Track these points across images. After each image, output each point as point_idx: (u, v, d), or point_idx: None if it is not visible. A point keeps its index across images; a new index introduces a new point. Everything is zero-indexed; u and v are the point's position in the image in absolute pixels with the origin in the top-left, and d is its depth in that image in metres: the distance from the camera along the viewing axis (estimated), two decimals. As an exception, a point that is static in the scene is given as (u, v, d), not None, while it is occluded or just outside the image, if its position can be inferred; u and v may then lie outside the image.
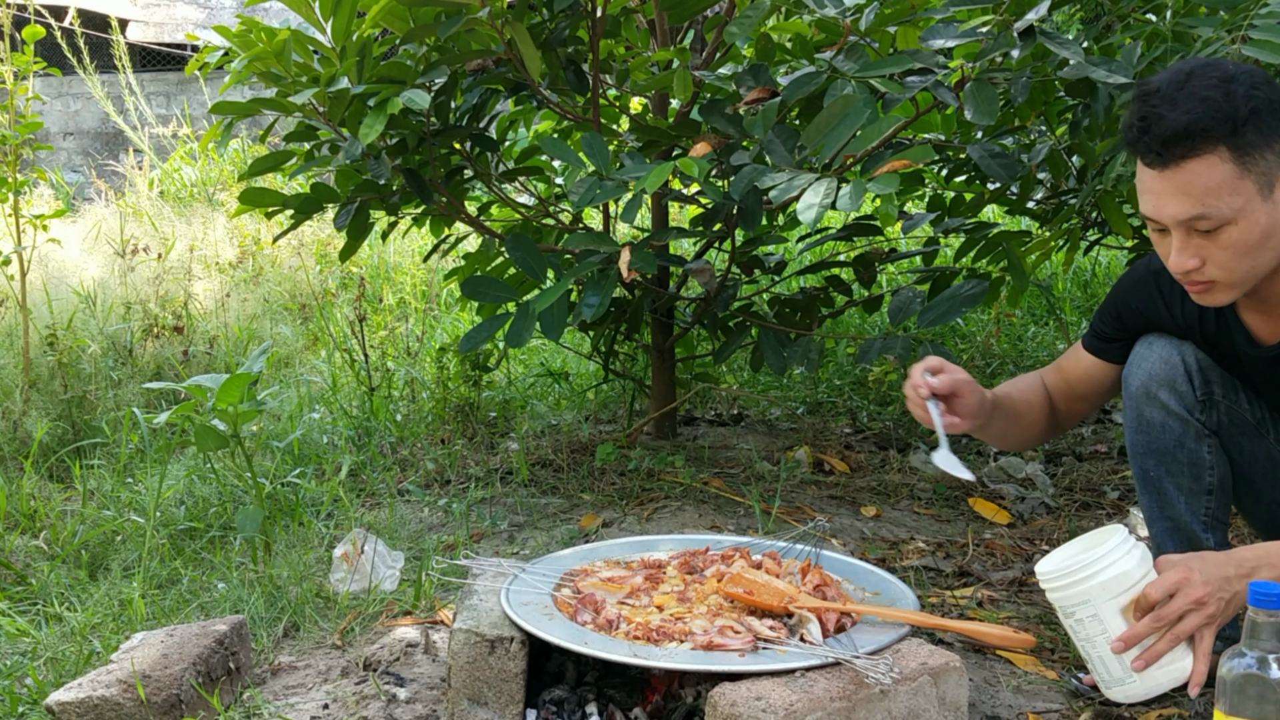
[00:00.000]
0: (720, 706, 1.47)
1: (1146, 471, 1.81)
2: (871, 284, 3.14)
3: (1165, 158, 1.51)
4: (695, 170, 2.20)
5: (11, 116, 3.48)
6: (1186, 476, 1.78)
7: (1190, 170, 1.50)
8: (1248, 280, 1.57)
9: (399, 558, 2.38)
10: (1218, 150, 1.49)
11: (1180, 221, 1.53)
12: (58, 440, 3.38)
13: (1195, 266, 1.56)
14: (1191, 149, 1.49)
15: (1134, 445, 1.83)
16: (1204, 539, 1.79)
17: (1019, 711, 1.78)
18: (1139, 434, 1.81)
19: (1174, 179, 1.52)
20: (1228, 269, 1.55)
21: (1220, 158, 1.49)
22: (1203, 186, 1.50)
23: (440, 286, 5.26)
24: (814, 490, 2.86)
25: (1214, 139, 1.48)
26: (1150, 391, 1.77)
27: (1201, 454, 1.78)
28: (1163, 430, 1.78)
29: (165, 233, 6.01)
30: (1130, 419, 1.82)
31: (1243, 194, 1.50)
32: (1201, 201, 1.51)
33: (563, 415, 3.57)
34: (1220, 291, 1.59)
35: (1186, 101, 1.49)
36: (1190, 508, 1.79)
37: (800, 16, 2.36)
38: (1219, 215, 1.51)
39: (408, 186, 2.72)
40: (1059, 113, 2.79)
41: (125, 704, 1.70)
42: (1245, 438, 1.78)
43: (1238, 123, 1.47)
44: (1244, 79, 1.50)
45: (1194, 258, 1.55)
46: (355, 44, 2.45)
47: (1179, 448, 1.78)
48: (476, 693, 1.69)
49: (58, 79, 9.52)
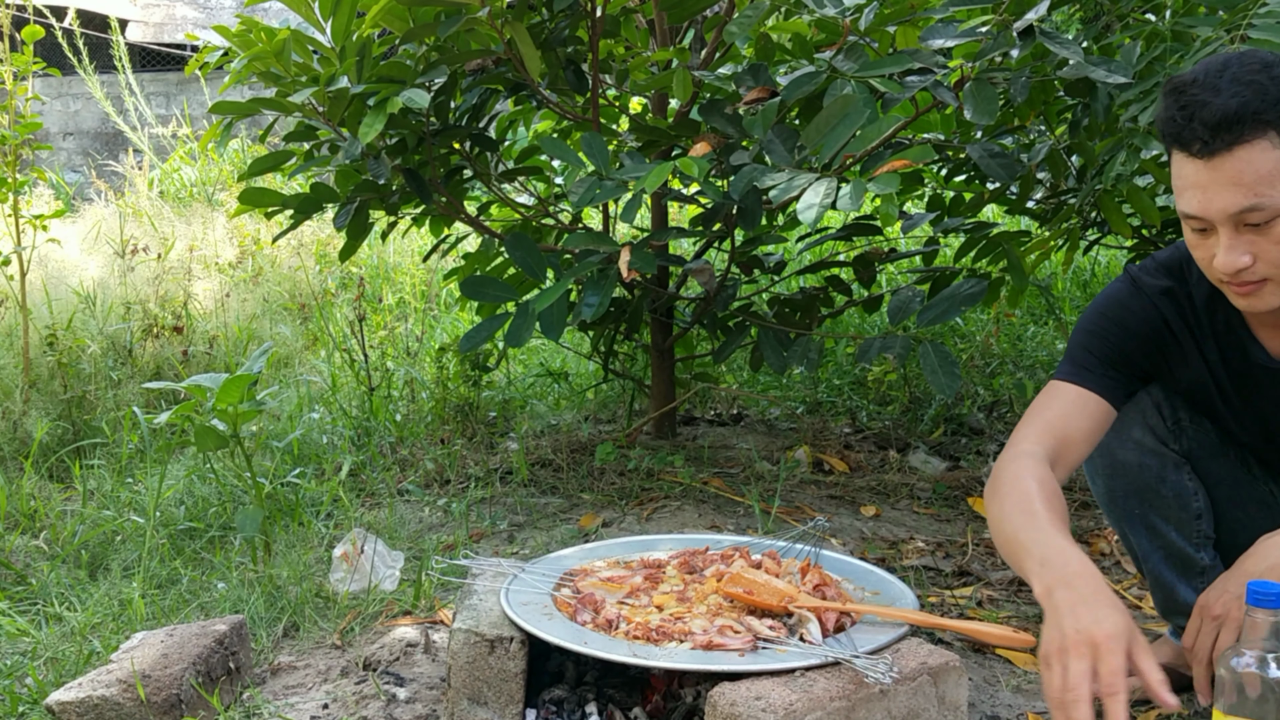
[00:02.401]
0: (720, 706, 1.47)
1: (1130, 511, 1.77)
2: (871, 284, 3.14)
3: (1213, 145, 1.41)
4: (695, 170, 2.20)
5: (11, 117, 3.48)
6: (1174, 508, 1.75)
7: (1240, 158, 1.41)
8: None
9: (399, 557, 2.38)
10: (1268, 135, 1.39)
11: (1231, 215, 1.43)
12: (58, 440, 3.38)
13: (1248, 264, 1.45)
14: (1241, 134, 1.40)
15: (1111, 491, 1.77)
16: (1198, 558, 1.77)
17: (1019, 711, 1.78)
18: (1115, 479, 1.76)
19: (1223, 169, 1.42)
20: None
21: (1271, 143, 1.40)
22: (1254, 175, 1.40)
23: (440, 286, 5.26)
24: (813, 490, 2.86)
25: (1264, 123, 1.39)
26: (1123, 434, 1.72)
27: (1184, 483, 1.74)
28: (1140, 470, 1.74)
29: (165, 233, 6.01)
30: (1102, 467, 1.76)
31: None
32: (1254, 191, 1.41)
33: (562, 415, 3.57)
34: (1271, 292, 1.49)
35: (1231, 87, 1.41)
36: (1182, 534, 1.76)
37: (800, 16, 2.36)
38: (1273, 205, 1.41)
39: (407, 186, 2.72)
40: (1058, 112, 2.79)
41: (125, 704, 1.70)
42: (1211, 459, 1.75)
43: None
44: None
45: (1245, 254, 1.45)
46: (355, 44, 2.46)
47: (1161, 483, 1.74)
48: (476, 692, 1.69)
49: (58, 79, 9.52)
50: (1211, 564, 1.78)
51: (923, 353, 2.40)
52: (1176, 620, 1.84)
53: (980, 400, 3.52)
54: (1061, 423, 1.65)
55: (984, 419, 3.39)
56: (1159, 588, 1.82)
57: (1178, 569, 1.79)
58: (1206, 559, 1.78)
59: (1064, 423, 1.65)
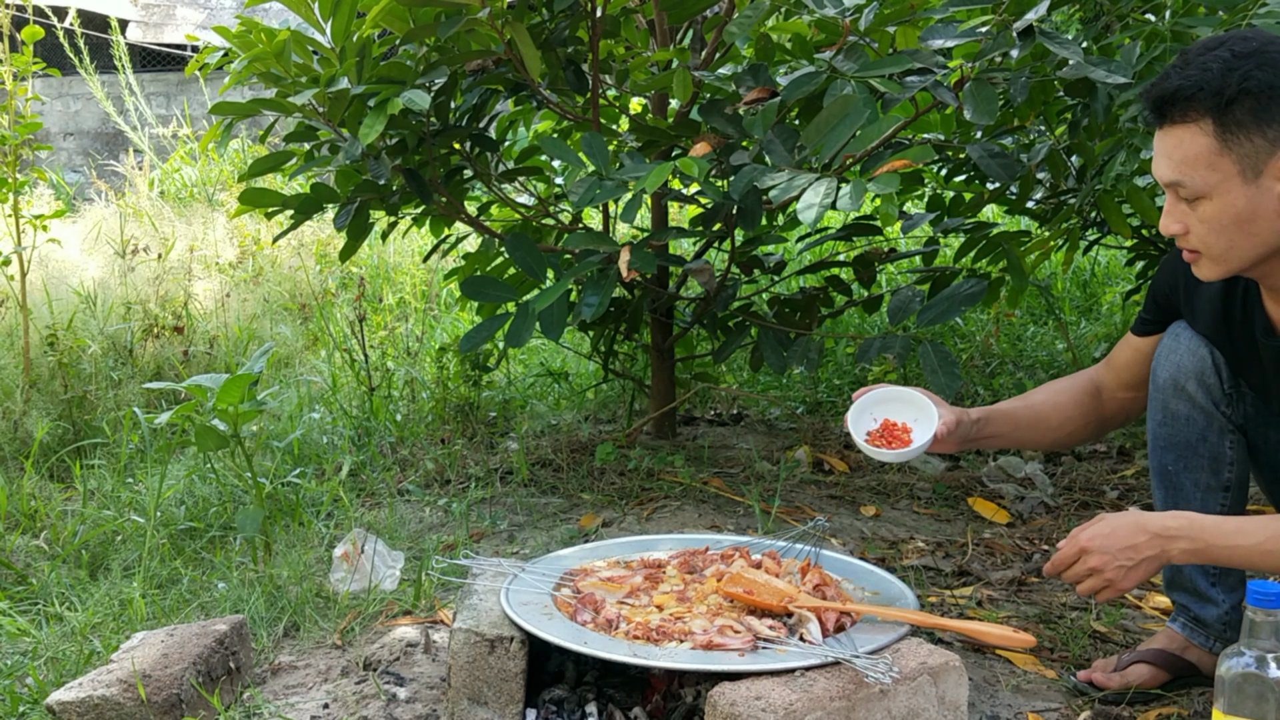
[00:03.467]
0: (720, 706, 1.47)
1: (1165, 466, 1.80)
2: (871, 284, 3.14)
3: (1160, 118, 1.53)
4: (695, 170, 2.20)
5: (11, 117, 3.48)
6: (1206, 472, 1.77)
7: (1175, 135, 1.52)
8: (1229, 259, 1.56)
9: (399, 557, 2.38)
10: (1202, 121, 1.49)
11: (1165, 184, 1.55)
12: (58, 440, 3.38)
13: (1178, 232, 1.57)
14: (1180, 114, 1.50)
15: (1156, 438, 1.81)
16: None
17: (1018, 711, 1.78)
18: (1163, 426, 1.79)
19: (1164, 140, 1.54)
20: (1206, 243, 1.55)
21: (1203, 129, 1.49)
22: (1182, 154, 1.51)
23: (440, 286, 5.26)
24: (813, 490, 2.86)
25: (1200, 109, 1.48)
26: (1178, 384, 1.76)
27: (1223, 449, 1.76)
28: (1187, 423, 1.77)
29: (165, 233, 6.01)
30: (1155, 412, 1.80)
31: (1220, 171, 1.49)
32: (1179, 169, 1.52)
33: (562, 415, 3.57)
34: (1205, 265, 1.59)
35: (1194, 67, 1.49)
36: (1205, 504, 1.77)
37: (800, 16, 2.36)
38: (1194, 187, 1.51)
39: (407, 186, 2.72)
40: (1058, 112, 2.79)
41: (126, 703, 1.70)
42: (1272, 428, 1.76)
43: (1226, 98, 1.46)
44: (1261, 59, 1.47)
45: (1178, 223, 1.56)
46: (355, 44, 2.46)
47: (1201, 441, 1.76)
48: (476, 692, 1.69)
49: (58, 79, 9.52)
50: None
51: (923, 353, 2.40)
52: (1178, 596, 1.85)
53: (980, 400, 3.52)
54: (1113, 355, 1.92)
55: (984, 419, 3.38)
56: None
57: None
58: None
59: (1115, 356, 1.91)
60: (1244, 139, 1.47)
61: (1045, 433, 1.90)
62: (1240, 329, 1.71)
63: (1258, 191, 1.49)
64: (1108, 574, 1.58)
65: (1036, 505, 2.77)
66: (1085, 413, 1.91)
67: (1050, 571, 1.66)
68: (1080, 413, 1.90)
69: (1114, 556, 1.57)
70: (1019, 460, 3.01)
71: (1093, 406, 1.91)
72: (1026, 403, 1.91)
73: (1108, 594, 1.60)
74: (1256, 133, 1.47)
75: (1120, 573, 1.57)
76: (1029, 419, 1.88)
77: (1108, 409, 1.92)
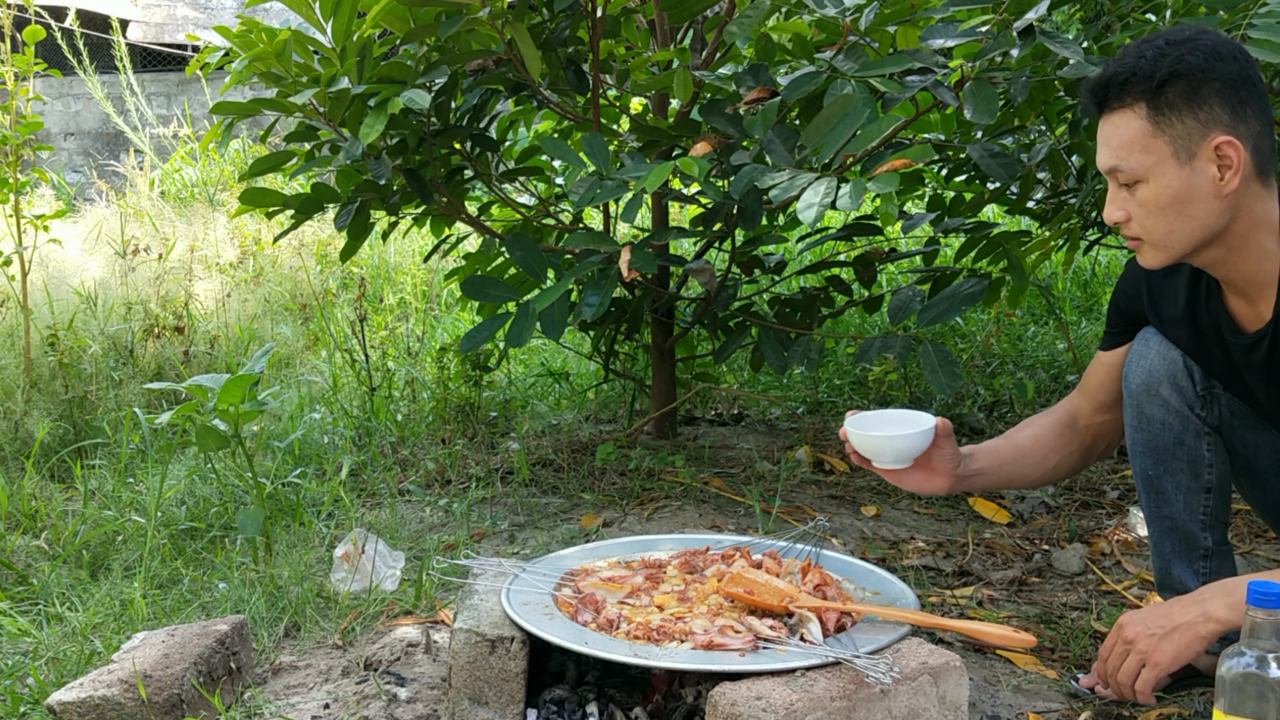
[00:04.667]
0: (720, 706, 1.47)
1: (1146, 470, 1.81)
2: (872, 284, 3.14)
3: (1098, 106, 1.57)
4: (695, 170, 2.20)
5: (12, 117, 3.49)
6: (1185, 474, 1.78)
7: (1112, 122, 1.55)
8: (1170, 244, 1.57)
9: (400, 557, 2.38)
10: (1135, 106, 1.52)
11: (1105, 171, 1.58)
12: (59, 440, 3.39)
13: (1121, 219, 1.59)
14: (1112, 100, 1.54)
15: (1134, 444, 1.82)
16: (1201, 537, 1.78)
17: (1019, 711, 1.78)
18: (1139, 432, 1.80)
19: (1103, 128, 1.57)
20: (1145, 228, 1.57)
21: (1137, 113, 1.52)
22: (1119, 139, 1.54)
23: (441, 286, 5.26)
24: (814, 490, 2.86)
25: (1133, 94, 1.52)
26: (1152, 388, 1.76)
27: (1200, 451, 1.77)
28: (1163, 428, 1.77)
29: (166, 233, 6.01)
30: (1131, 417, 1.81)
31: (1154, 153, 1.52)
32: (1116, 154, 1.55)
33: (563, 415, 3.57)
34: (1147, 252, 1.60)
35: (1128, 56, 1.54)
36: (1188, 506, 1.78)
37: (800, 16, 2.36)
38: (1131, 170, 1.54)
39: (408, 186, 2.72)
40: (1059, 112, 2.79)
41: (126, 704, 1.70)
42: (1249, 430, 1.76)
43: (1156, 81, 1.50)
44: (1193, 45, 1.51)
45: (1119, 210, 1.59)
46: (355, 44, 2.46)
47: (1178, 445, 1.77)
48: (477, 692, 1.69)
49: (58, 79, 9.53)
50: (1215, 547, 1.79)
51: (923, 352, 2.40)
52: (1168, 595, 1.85)
53: (981, 400, 3.52)
54: (1083, 383, 1.91)
55: (984, 419, 3.39)
56: (1158, 558, 1.84)
57: (1179, 545, 1.80)
58: (1210, 541, 1.79)
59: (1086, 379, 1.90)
60: (1175, 120, 1.50)
61: (1031, 468, 1.89)
62: (1210, 332, 1.72)
63: (1192, 173, 1.52)
64: (1140, 645, 1.55)
65: (1037, 505, 2.77)
66: (1066, 443, 1.90)
67: (1099, 669, 1.63)
68: (1062, 444, 1.90)
69: (1146, 626, 1.56)
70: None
71: (1072, 436, 1.90)
72: (1010, 440, 1.90)
73: (1147, 676, 1.55)
74: (1189, 114, 1.50)
75: (1152, 642, 1.54)
76: (1013, 455, 1.88)
77: (1088, 436, 1.91)
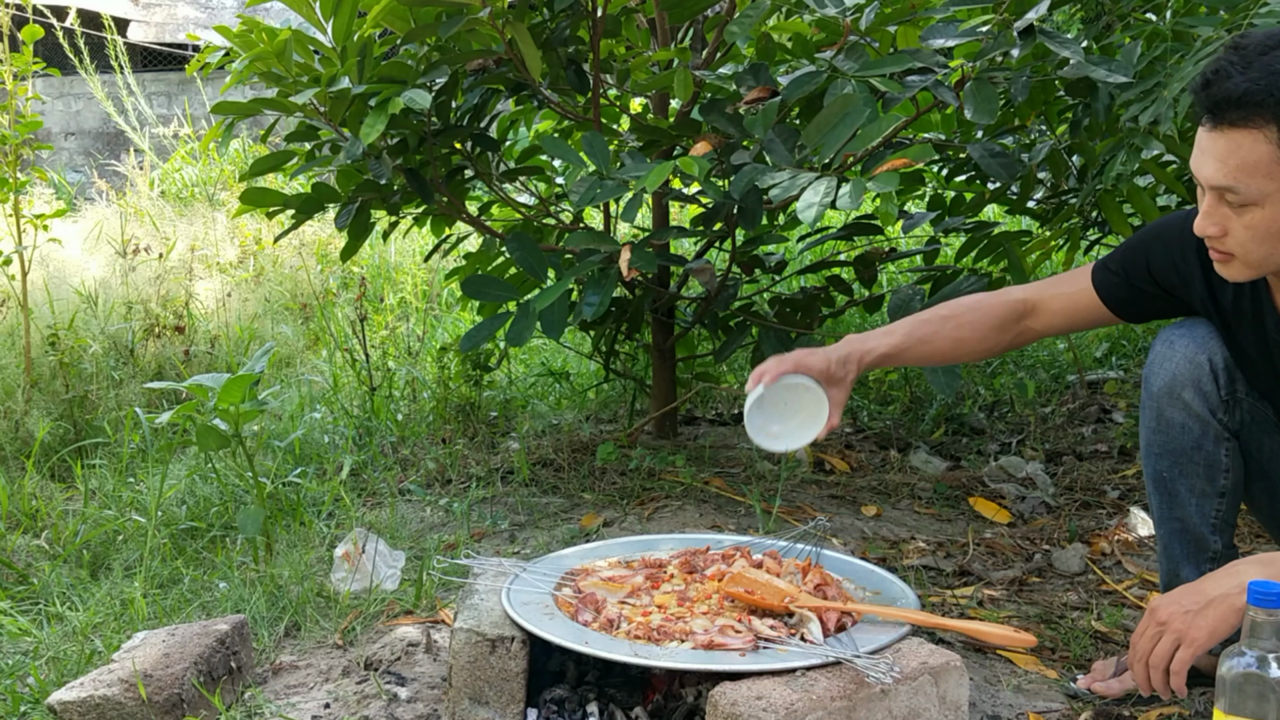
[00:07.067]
0: (721, 706, 1.47)
1: (1160, 472, 1.79)
2: (872, 283, 3.14)
3: (1216, 119, 1.47)
4: (695, 170, 2.20)
5: (12, 116, 3.49)
6: (1201, 478, 1.76)
7: (1233, 139, 1.45)
8: (1265, 265, 1.54)
9: (400, 557, 2.38)
10: (1266, 128, 1.43)
11: (1212, 187, 1.50)
12: (59, 440, 3.39)
13: (1216, 234, 1.53)
14: (1241, 119, 1.44)
15: (1149, 445, 1.80)
16: (1211, 540, 1.77)
17: (1019, 711, 1.78)
18: (1157, 434, 1.78)
19: (1218, 142, 1.47)
20: (1245, 248, 1.52)
21: (1266, 136, 1.43)
22: (1239, 160, 1.45)
23: (441, 286, 5.26)
24: (814, 490, 2.86)
25: (1266, 115, 1.42)
26: (1174, 392, 1.74)
27: (1219, 456, 1.75)
28: (1182, 431, 1.75)
29: (166, 232, 6.01)
30: (1149, 419, 1.78)
31: (1277, 180, 1.45)
32: (1234, 175, 1.46)
33: (563, 415, 3.57)
34: (1237, 267, 1.56)
35: (1259, 69, 1.43)
36: (1200, 510, 1.77)
37: (800, 16, 2.36)
38: (1247, 194, 1.46)
39: (409, 186, 2.72)
40: (1059, 112, 2.79)
41: (127, 703, 1.70)
42: (1266, 435, 1.75)
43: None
44: None
45: (1217, 225, 1.52)
46: (356, 44, 2.46)
47: (1196, 449, 1.75)
48: (477, 692, 1.69)
49: (59, 79, 9.53)
50: (1224, 550, 1.78)
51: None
52: None
53: (981, 400, 3.52)
54: (1050, 289, 1.85)
55: (985, 419, 3.39)
56: (1166, 559, 1.83)
57: (1188, 548, 1.79)
58: (1219, 544, 1.78)
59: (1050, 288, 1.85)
60: None
61: (957, 332, 1.83)
62: (1251, 326, 1.68)
63: None
64: (1175, 625, 1.51)
65: (1037, 505, 2.77)
66: (1002, 334, 1.85)
67: (1131, 656, 1.58)
68: (997, 335, 1.84)
69: (1180, 604, 1.52)
70: (1020, 460, 3.01)
71: (1015, 332, 1.85)
72: (941, 329, 1.83)
73: (1184, 655, 1.51)
74: None
75: (1187, 619, 1.50)
76: (947, 348, 1.83)
77: (1025, 338, 1.88)
